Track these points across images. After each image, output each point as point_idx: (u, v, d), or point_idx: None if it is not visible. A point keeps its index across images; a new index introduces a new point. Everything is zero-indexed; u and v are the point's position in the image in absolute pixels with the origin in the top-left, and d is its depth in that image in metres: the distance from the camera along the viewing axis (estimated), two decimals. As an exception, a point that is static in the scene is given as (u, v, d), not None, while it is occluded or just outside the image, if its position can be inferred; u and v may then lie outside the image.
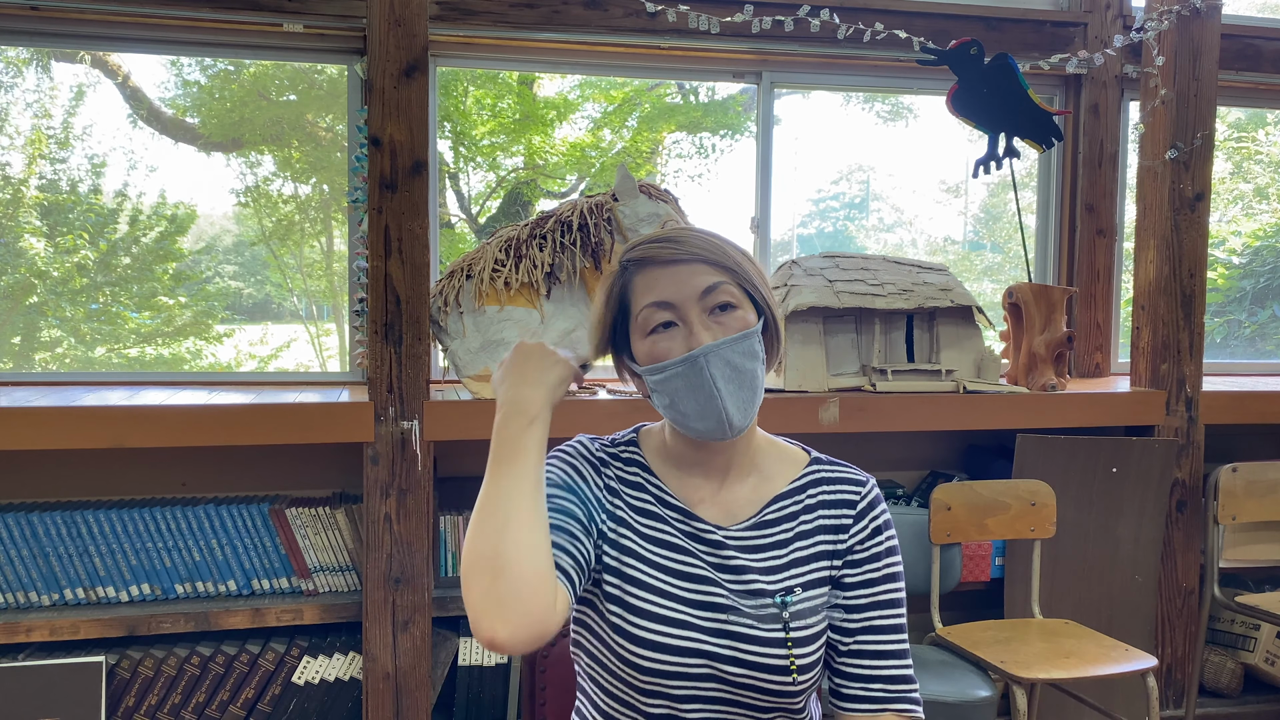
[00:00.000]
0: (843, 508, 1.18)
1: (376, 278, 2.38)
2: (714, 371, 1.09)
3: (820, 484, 1.20)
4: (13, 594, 2.35)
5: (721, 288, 1.11)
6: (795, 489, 1.19)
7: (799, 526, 1.17)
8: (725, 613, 1.10)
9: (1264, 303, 4.38)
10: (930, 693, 2.14)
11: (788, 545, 1.16)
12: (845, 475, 1.21)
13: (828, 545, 1.17)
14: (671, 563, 1.13)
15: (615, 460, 1.20)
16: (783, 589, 1.13)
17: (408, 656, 2.42)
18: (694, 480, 1.18)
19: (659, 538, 1.15)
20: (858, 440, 2.97)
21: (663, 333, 1.11)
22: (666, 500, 1.17)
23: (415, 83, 2.37)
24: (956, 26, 3.01)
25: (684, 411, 1.12)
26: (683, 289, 1.11)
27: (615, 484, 1.18)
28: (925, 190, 4.87)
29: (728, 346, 1.09)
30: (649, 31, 2.84)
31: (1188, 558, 2.88)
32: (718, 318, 1.11)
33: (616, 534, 1.15)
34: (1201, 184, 2.84)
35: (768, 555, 1.15)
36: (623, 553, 1.14)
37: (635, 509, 1.17)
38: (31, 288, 3.59)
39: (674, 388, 1.11)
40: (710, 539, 1.15)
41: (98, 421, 2.24)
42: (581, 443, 1.21)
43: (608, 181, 4.21)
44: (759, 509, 1.18)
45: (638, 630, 1.10)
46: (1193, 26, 2.81)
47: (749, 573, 1.13)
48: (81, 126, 3.61)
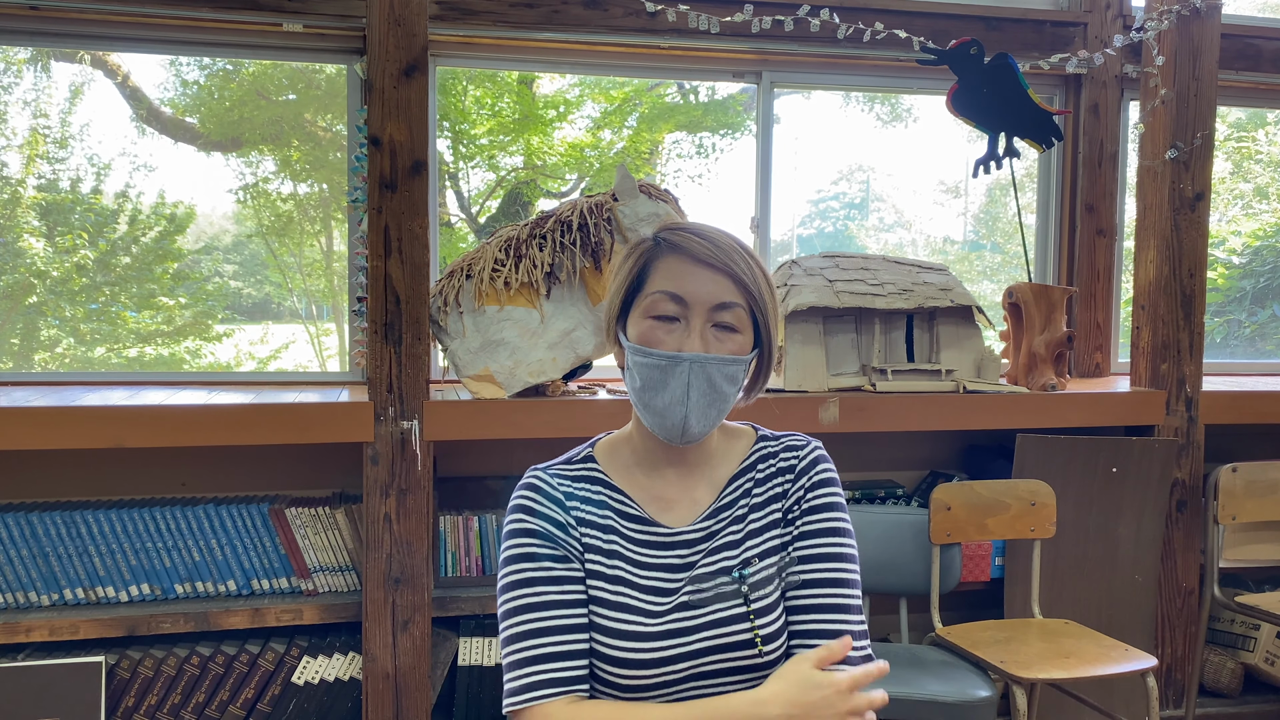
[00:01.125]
0: (786, 474, 1.20)
1: (376, 278, 2.38)
2: (692, 380, 1.10)
3: (767, 458, 1.22)
4: (13, 594, 2.35)
5: (734, 309, 1.12)
6: (746, 467, 1.22)
7: (751, 500, 1.19)
8: (689, 610, 1.12)
9: (1264, 303, 4.38)
10: (930, 693, 2.14)
11: (743, 520, 1.18)
12: (787, 444, 1.23)
13: (778, 513, 1.19)
14: (632, 577, 1.14)
15: (575, 484, 1.20)
16: (740, 562, 1.14)
17: (408, 656, 2.42)
18: (657, 481, 1.19)
19: (620, 553, 1.16)
20: (858, 440, 2.97)
21: (663, 323, 1.12)
22: (628, 513, 1.18)
23: (415, 82, 2.37)
24: (956, 26, 3.01)
25: (648, 402, 1.13)
26: (699, 292, 1.11)
27: (581, 514, 1.17)
28: (925, 190, 4.87)
29: (715, 364, 1.11)
30: (649, 31, 2.84)
31: (1188, 558, 2.88)
32: (719, 334, 1.12)
33: (588, 561, 1.15)
34: (1201, 184, 2.84)
35: (727, 534, 1.17)
36: (595, 578, 1.15)
37: (599, 527, 1.17)
38: (31, 288, 3.58)
39: (650, 376, 1.12)
40: (671, 542, 1.16)
41: (98, 421, 2.24)
42: (537, 488, 1.17)
43: (608, 181, 4.21)
44: (717, 493, 1.19)
45: (612, 651, 1.11)
46: (1193, 26, 2.81)
47: (711, 554, 1.15)
48: (80, 126, 3.61)
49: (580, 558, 1.15)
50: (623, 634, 1.11)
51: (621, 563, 1.15)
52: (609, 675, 1.11)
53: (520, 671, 1.09)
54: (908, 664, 2.28)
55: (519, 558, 1.13)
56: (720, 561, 1.15)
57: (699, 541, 1.17)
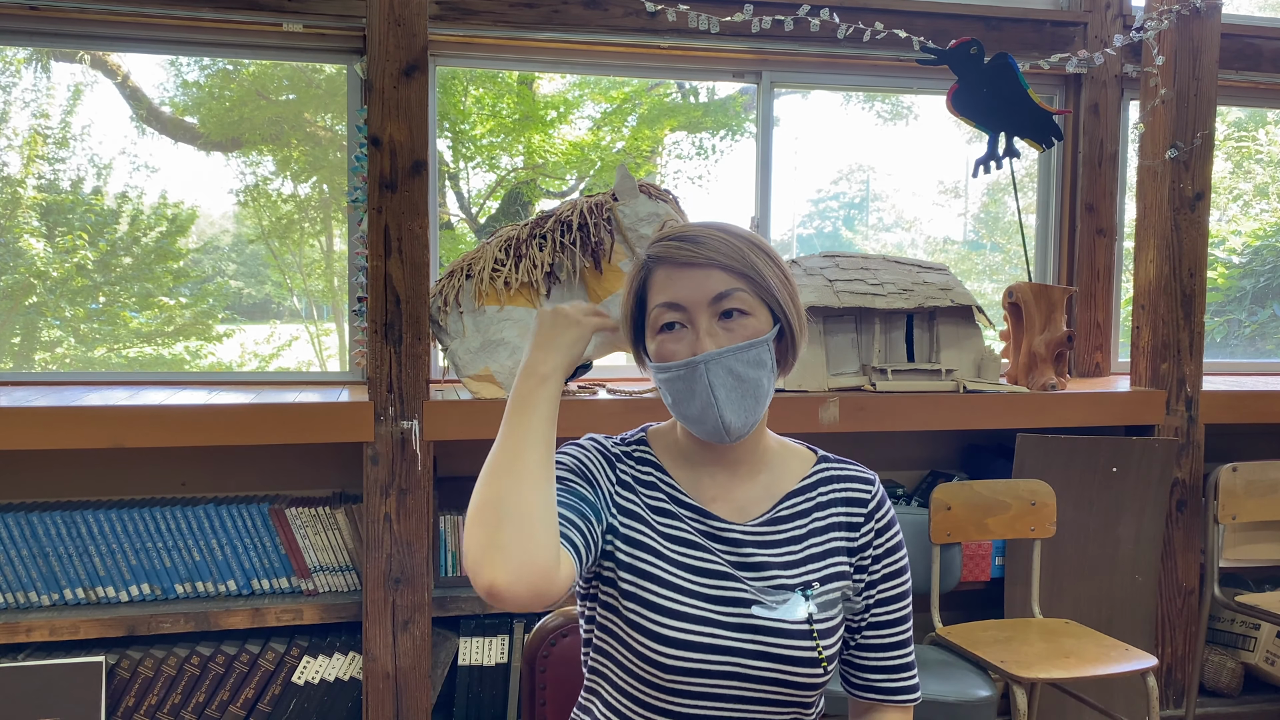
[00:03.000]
0: (854, 505, 1.21)
1: (376, 278, 2.38)
2: (713, 379, 1.10)
3: (830, 481, 1.22)
4: (13, 594, 2.35)
5: (734, 295, 1.11)
6: (806, 486, 1.21)
7: (812, 523, 1.19)
8: (748, 606, 1.11)
9: (1264, 302, 4.38)
10: (930, 692, 2.14)
11: (802, 541, 1.17)
12: (853, 473, 1.23)
13: (842, 541, 1.19)
14: (690, 559, 1.14)
15: (628, 459, 1.21)
16: (801, 583, 1.14)
17: (408, 656, 2.42)
18: (706, 477, 1.19)
19: (676, 535, 1.15)
20: (858, 440, 2.97)
21: (670, 333, 1.12)
22: (680, 499, 1.18)
23: (415, 82, 2.37)
24: (956, 26, 3.01)
25: (684, 413, 1.14)
26: (694, 292, 1.11)
27: (629, 479, 1.18)
28: (925, 190, 4.87)
29: (730, 355, 1.10)
30: (649, 31, 2.84)
31: (1188, 557, 2.88)
32: (726, 324, 1.11)
33: (630, 529, 1.15)
34: (1201, 184, 2.84)
35: (784, 550, 1.16)
36: (640, 549, 1.14)
37: (651, 507, 1.17)
38: (31, 288, 3.59)
39: (676, 389, 1.12)
40: (727, 536, 1.16)
41: (98, 421, 2.24)
42: (594, 439, 1.21)
43: (608, 181, 4.21)
44: (772, 505, 1.19)
45: (660, 628, 1.10)
46: (1193, 26, 2.81)
47: (769, 568, 1.14)
48: (80, 126, 3.62)
49: (608, 503, 1.15)
50: (669, 611, 1.10)
51: (672, 543, 1.14)
52: (651, 652, 1.09)
53: None
54: (908, 664, 2.28)
55: None
56: (776, 577, 1.14)
57: (753, 545, 1.16)
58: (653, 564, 1.13)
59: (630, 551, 1.14)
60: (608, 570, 1.15)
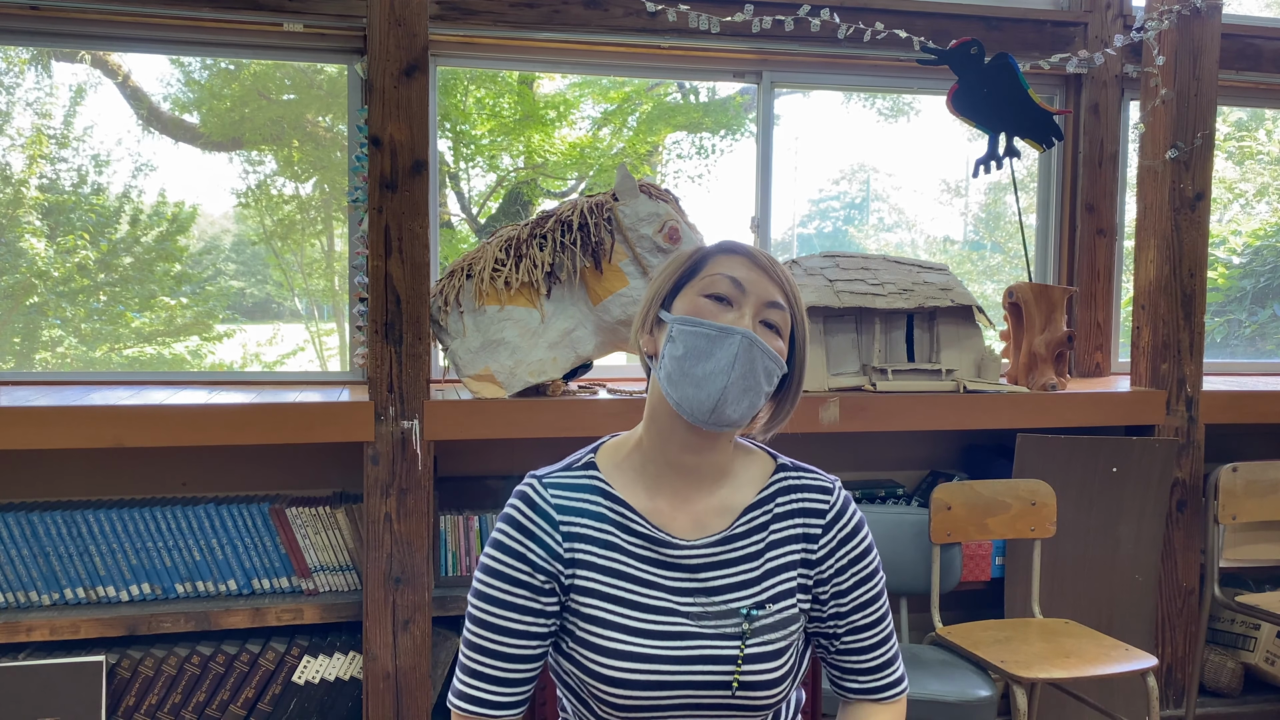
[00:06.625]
0: (813, 516, 1.19)
1: (377, 277, 2.38)
2: (739, 354, 1.09)
3: (788, 492, 1.20)
4: (13, 594, 2.35)
5: (783, 312, 1.14)
6: (764, 499, 1.19)
7: (770, 536, 1.17)
8: (694, 639, 1.11)
9: (1264, 302, 4.38)
10: (930, 693, 2.15)
11: (760, 557, 1.16)
12: (812, 483, 1.21)
13: (800, 554, 1.18)
14: (634, 596, 1.13)
15: (571, 497, 1.16)
16: (755, 604, 1.14)
17: (408, 656, 2.42)
18: (665, 489, 1.17)
19: (621, 571, 1.14)
20: (858, 440, 2.97)
21: (717, 303, 1.13)
22: (632, 527, 1.15)
23: (415, 82, 2.37)
24: (957, 26, 3.01)
25: (689, 370, 1.09)
26: (756, 287, 1.13)
27: (574, 530, 1.15)
28: (926, 190, 4.87)
29: (761, 351, 1.11)
30: (649, 31, 2.84)
31: (1188, 557, 2.88)
32: (765, 332, 1.13)
33: (578, 578, 1.14)
34: (1201, 184, 2.84)
35: (739, 570, 1.15)
36: (585, 595, 1.13)
37: (597, 542, 1.15)
38: (33, 288, 3.59)
39: (696, 344, 1.10)
40: (680, 563, 1.15)
41: (98, 421, 2.25)
42: (531, 502, 1.16)
43: (608, 181, 4.21)
44: (730, 522, 1.17)
45: (607, 670, 1.10)
46: (1193, 26, 2.81)
47: (722, 591, 1.14)
48: (82, 127, 3.62)
49: (561, 583, 1.14)
50: (616, 653, 1.10)
51: (619, 580, 1.13)
52: (604, 694, 1.11)
53: (469, 679, 1.14)
54: (908, 664, 2.28)
55: (496, 573, 1.13)
56: (731, 601, 1.13)
57: (707, 568, 1.15)
58: (596, 607, 1.13)
59: (578, 600, 1.14)
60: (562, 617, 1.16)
